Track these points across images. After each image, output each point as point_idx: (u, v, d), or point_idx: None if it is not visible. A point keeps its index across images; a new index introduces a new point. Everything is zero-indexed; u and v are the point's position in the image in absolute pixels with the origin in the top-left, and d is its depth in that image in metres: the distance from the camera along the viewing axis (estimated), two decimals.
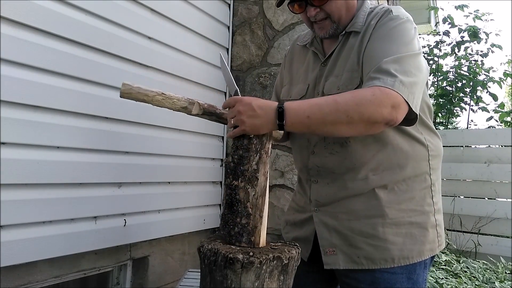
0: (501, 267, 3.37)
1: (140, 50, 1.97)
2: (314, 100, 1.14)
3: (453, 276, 3.08)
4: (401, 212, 1.23)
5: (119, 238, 1.89)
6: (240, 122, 1.09)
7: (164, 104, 1.18)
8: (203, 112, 1.22)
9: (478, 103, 5.60)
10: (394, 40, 1.17)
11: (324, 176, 1.30)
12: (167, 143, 2.16)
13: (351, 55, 1.25)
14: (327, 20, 1.28)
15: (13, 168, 1.46)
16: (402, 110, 1.09)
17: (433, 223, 1.27)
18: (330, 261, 1.27)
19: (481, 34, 5.53)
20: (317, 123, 1.09)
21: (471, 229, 4.03)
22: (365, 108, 1.06)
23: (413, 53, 1.16)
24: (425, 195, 1.27)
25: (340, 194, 1.27)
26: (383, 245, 1.21)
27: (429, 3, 5.69)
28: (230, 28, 2.69)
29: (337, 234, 1.27)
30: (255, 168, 1.09)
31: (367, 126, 1.10)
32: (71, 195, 1.66)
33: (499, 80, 5.41)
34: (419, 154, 1.27)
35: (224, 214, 1.12)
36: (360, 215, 1.24)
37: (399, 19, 1.21)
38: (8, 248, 1.45)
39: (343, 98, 1.09)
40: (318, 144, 1.30)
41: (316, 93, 1.32)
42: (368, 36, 1.23)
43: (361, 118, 1.07)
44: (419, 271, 1.24)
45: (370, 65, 1.15)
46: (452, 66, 5.73)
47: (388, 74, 1.09)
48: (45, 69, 1.55)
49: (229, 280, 0.99)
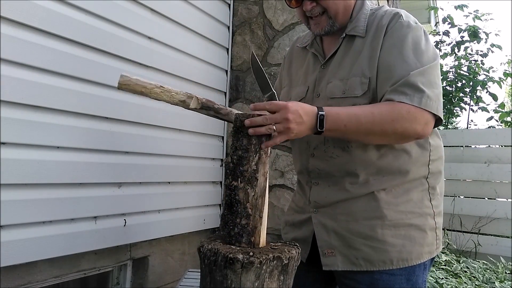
0: (501, 267, 3.37)
1: (140, 50, 1.97)
2: (353, 109, 1.15)
3: (453, 276, 3.08)
4: (400, 214, 1.23)
5: (119, 238, 1.89)
6: (287, 129, 1.07)
7: (162, 97, 1.16)
8: (201, 107, 1.20)
9: (478, 103, 5.60)
10: (414, 50, 1.18)
11: (325, 178, 1.30)
12: (167, 143, 2.16)
13: (358, 60, 1.24)
14: (323, 16, 1.27)
15: (13, 168, 1.46)
16: (431, 124, 1.17)
17: (432, 226, 1.27)
18: (328, 262, 1.27)
19: (481, 34, 5.54)
20: (352, 131, 1.14)
21: (471, 229, 4.03)
22: (399, 124, 1.13)
23: (435, 62, 1.19)
24: (423, 198, 1.27)
25: (340, 196, 1.27)
26: (381, 246, 1.21)
27: (429, 3, 5.70)
28: (230, 28, 2.69)
29: (335, 236, 1.26)
30: (254, 168, 1.08)
31: (398, 139, 1.19)
32: (71, 195, 1.66)
33: (499, 80, 5.42)
34: (420, 159, 1.27)
35: (224, 215, 1.12)
36: (358, 217, 1.24)
37: (412, 26, 1.21)
38: (8, 248, 1.45)
39: (379, 111, 1.13)
40: (318, 147, 1.29)
41: (316, 95, 1.31)
42: (379, 41, 1.21)
43: (395, 132, 1.14)
44: (418, 272, 1.24)
45: (391, 75, 1.16)
46: (452, 66, 5.74)
47: (416, 89, 1.13)
48: (45, 69, 1.55)
49: (229, 280, 0.99)
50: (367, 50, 1.23)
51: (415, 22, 1.24)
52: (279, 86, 1.54)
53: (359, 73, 1.22)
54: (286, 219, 1.48)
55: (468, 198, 4.21)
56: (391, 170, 1.24)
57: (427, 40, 1.21)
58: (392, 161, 1.24)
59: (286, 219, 1.48)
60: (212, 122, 2.52)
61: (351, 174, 1.25)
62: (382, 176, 1.24)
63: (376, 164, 1.24)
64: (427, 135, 1.19)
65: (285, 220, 1.49)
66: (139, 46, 1.97)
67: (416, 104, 1.12)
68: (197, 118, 2.36)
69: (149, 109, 2.02)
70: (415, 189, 1.26)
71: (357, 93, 1.20)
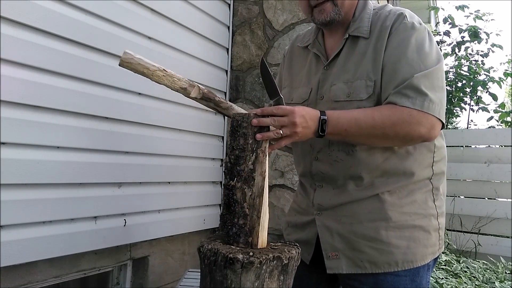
0: (501, 267, 3.37)
1: (140, 50, 1.97)
2: (354, 113, 1.16)
3: (453, 276, 3.08)
4: (404, 215, 1.22)
5: (119, 238, 1.89)
6: (293, 133, 1.10)
7: (163, 81, 1.14)
8: (202, 97, 1.18)
9: (478, 103, 5.60)
10: (417, 52, 1.17)
11: (329, 181, 1.29)
12: (167, 143, 2.16)
13: (362, 62, 1.22)
14: (328, 3, 1.25)
15: (13, 168, 1.46)
16: (438, 127, 1.17)
17: (435, 227, 1.26)
18: (333, 265, 1.26)
19: (481, 34, 5.53)
20: (353, 135, 1.16)
21: (471, 229, 4.03)
22: (400, 127, 1.13)
23: (439, 65, 1.18)
24: (427, 199, 1.26)
25: (344, 199, 1.26)
26: (386, 248, 1.20)
27: (429, 3, 5.69)
28: (230, 28, 2.69)
29: (340, 238, 1.26)
30: (251, 168, 1.08)
31: (402, 142, 1.19)
32: (71, 195, 1.66)
33: (499, 80, 5.41)
34: (425, 161, 1.26)
35: (222, 214, 1.12)
36: (363, 219, 1.23)
37: (416, 28, 1.20)
38: (8, 248, 1.45)
39: (380, 115, 1.13)
40: (322, 150, 1.29)
41: (319, 97, 1.29)
42: (383, 43, 1.20)
43: (397, 135, 1.15)
44: (423, 273, 1.24)
45: (395, 77, 1.16)
46: (452, 66, 5.74)
47: (419, 92, 1.13)
48: (45, 69, 1.55)
49: (229, 280, 0.99)
50: (372, 52, 1.21)
51: (419, 23, 1.22)
52: (279, 86, 1.53)
53: (364, 76, 1.21)
54: (288, 220, 1.47)
55: (468, 198, 4.21)
56: (396, 172, 1.23)
57: (431, 41, 1.20)
58: (397, 163, 1.23)
59: (288, 220, 1.47)
60: (212, 122, 2.52)
61: (356, 177, 1.25)
62: (387, 178, 1.23)
63: (381, 166, 1.23)
64: (434, 138, 1.19)
65: (287, 221, 1.48)
66: (139, 46, 1.96)
67: (418, 108, 1.12)
68: (197, 118, 2.36)
69: (149, 109, 2.02)
70: (420, 190, 1.25)
71: (362, 97, 1.19)
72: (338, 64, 1.28)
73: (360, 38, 1.25)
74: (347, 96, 1.22)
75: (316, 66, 1.36)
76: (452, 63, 5.88)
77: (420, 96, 1.13)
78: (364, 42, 1.24)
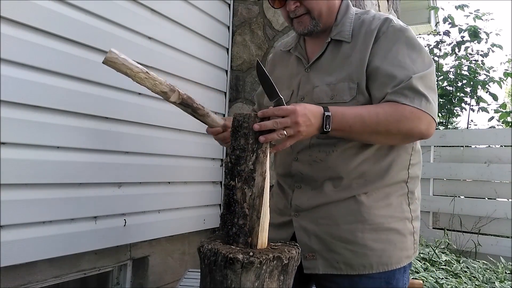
0: (501, 267, 3.37)
1: (140, 50, 1.97)
2: (358, 110, 1.17)
3: (453, 276, 3.08)
4: (380, 218, 1.23)
5: (119, 238, 1.89)
6: (297, 133, 1.09)
7: (145, 83, 1.15)
8: (181, 102, 1.19)
9: (478, 103, 5.60)
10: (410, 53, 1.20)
11: (308, 182, 1.30)
12: (167, 143, 2.16)
13: (346, 65, 1.24)
14: (305, 16, 1.27)
15: (13, 168, 1.46)
16: (434, 126, 1.21)
17: (410, 230, 1.28)
18: (310, 265, 1.27)
19: (481, 34, 5.54)
20: (357, 132, 1.16)
21: (471, 229, 4.03)
22: (403, 124, 1.15)
23: (432, 68, 1.22)
24: (402, 202, 1.28)
25: (321, 200, 1.27)
26: (362, 251, 1.21)
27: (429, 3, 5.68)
28: (230, 28, 2.69)
29: (316, 239, 1.26)
30: (251, 168, 1.08)
31: (403, 139, 1.22)
32: (71, 195, 1.66)
33: (499, 80, 5.42)
34: (401, 162, 1.28)
35: (223, 214, 1.12)
36: (339, 221, 1.24)
37: (404, 29, 1.23)
38: (8, 248, 1.45)
39: (384, 112, 1.15)
40: (302, 151, 1.29)
41: (300, 99, 1.30)
42: (368, 46, 1.22)
43: (399, 132, 1.17)
44: (399, 276, 1.25)
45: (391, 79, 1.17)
46: (452, 66, 5.75)
47: (417, 92, 1.16)
48: (45, 69, 1.55)
49: (229, 280, 0.99)
50: (356, 55, 1.23)
51: (405, 26, 1.26)
52: (261, 92, 1.52)
53: (347, 78, 1.22)
54: None
55: (468, 198, 4.22)
56: (373, 174, 1.25)
57: (420, 44, 1.25)
58: (374, 164, 1.25)
59: None
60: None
61: (334, 178, 1.26)
62: (364, 180, 1.25)
63: (359, 168, 1.24)
64: (430, 136, 1.21)
65: None
66: (139, 46, 1.97)
67: (417, 106, 1.15)
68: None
69: (149, 109, 2.02)
70: (395, 193, 1.27)
71: (346, 99, 1.21)
72: (321, 67, 1.30)
73: (343, 42, 1.27)
74: (331, 99, 1.23)
75: (297, 68, 1.37)
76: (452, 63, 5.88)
77: (418, 96, 1.15)
78: (348, 46, 1.26)
